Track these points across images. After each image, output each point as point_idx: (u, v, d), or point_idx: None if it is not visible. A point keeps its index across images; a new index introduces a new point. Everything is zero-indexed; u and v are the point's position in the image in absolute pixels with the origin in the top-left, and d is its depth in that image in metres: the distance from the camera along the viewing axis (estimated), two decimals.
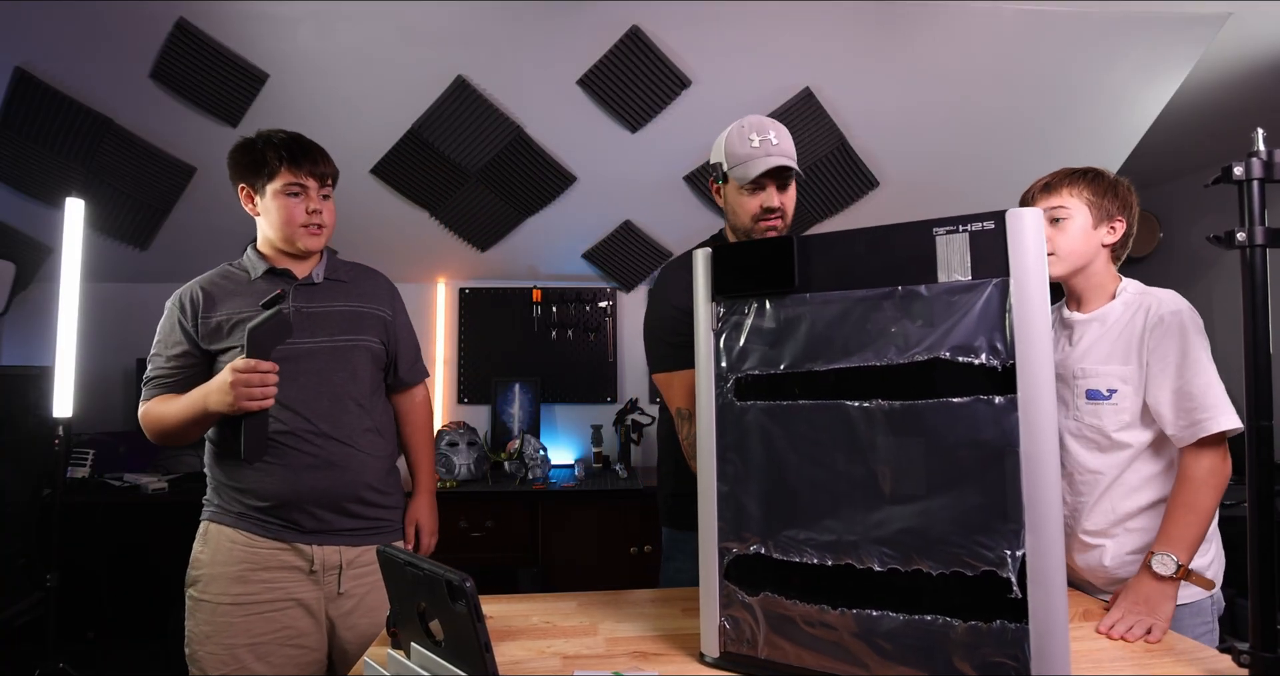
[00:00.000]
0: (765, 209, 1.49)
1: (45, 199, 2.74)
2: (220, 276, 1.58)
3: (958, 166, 2.84)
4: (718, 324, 1.09)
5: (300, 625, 1.47)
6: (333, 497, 1.49)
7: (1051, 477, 0.87)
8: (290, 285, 1.54)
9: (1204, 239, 0.99)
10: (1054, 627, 0.85)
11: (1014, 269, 0.89)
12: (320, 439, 1.48)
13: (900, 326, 0.95)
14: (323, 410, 1.49)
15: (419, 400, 1.77)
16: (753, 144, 1.47)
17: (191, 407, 1.41)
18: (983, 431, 0.90)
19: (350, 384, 1.54)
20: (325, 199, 1.56)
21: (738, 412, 1.06)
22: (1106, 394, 1.31)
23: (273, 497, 1.46)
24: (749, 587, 1.05)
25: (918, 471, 0.93)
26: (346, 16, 2.23)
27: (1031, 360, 0.88)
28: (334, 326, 1.55)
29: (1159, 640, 1.14)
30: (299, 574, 1.48)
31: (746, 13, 2.26)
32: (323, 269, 1.60)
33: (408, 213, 2.94)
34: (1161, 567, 1.19)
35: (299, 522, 1.48)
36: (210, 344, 1.50)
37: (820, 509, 0.99)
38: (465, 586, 0.78)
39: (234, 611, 1.44)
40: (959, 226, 0.93)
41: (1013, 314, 0.89)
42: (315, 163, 1.52)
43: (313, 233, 1.53)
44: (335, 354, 1.53)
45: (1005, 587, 0.87)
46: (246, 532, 1.47)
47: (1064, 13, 2.27)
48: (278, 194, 1.50)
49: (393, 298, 1.69)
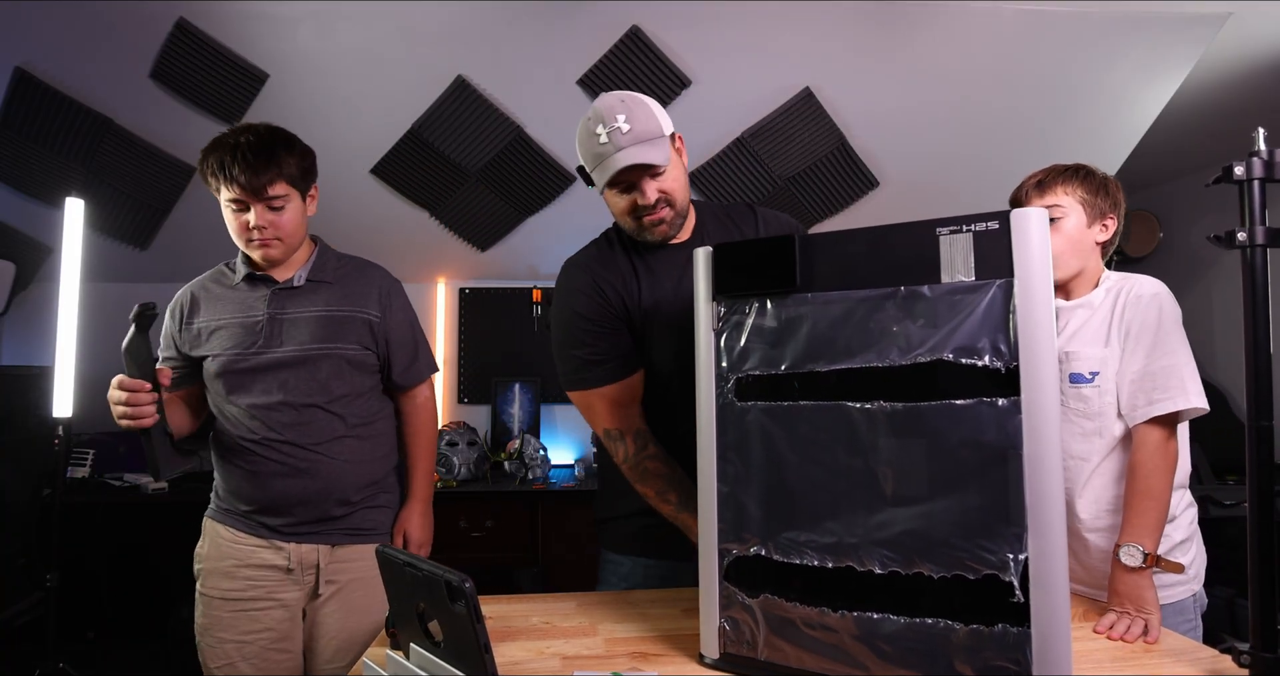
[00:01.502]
0: (640, 207, 1.31)
1: (45, 199, 2.74)
2: (211, 279, 1.59)
3: (958, 166, 2.83)
4: (718, 324, 1.08)
5: (282, 628, 1.50)
6: (306, 502, 1.50)
7: (1054, 481, 0.86)
8: (269, 290, 1.53)
9: (1204, 239, 0.99)
10: (1056, 631, 0.85)
11: (1018, 270, 0.88)
12: (287, 446, 1.49)
13: (903, 327, 0.94)
14: (286, 420, 1.49)
15: (419, 403, 1.72)
16: (599, 140, 1.27)
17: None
18: (985, 433, 0.89)
19: (317, 393, 1.51)
20: (276, 210, 1.47)
21: (738, 413, 1.06)
22: (1089, 376, 1.33)
23: (249, 501, 1.51)
24: (749, 589, 1.04)
25: (920, 473, 0.92)
26: (346, 16, 2.23)
27: (1036, 362, 0.87)
28: (304, 334, 1.51)
29: (1156, 639, 1.14)
30: (278, 573, 1.50)
31: (746, 13, 2.26)
32: (307, 270, 1.56)
33: (408, 213, 2.94)
34: (1130, 559, 1.20)
35: (274, 525, 1.51)
36: (192, 350, 1.53)
37: (821, 510, 0.98)
38: (464, 587, 0.78)
39: (224, 606, 1.49)
40: (963, 226, 0.92)
41: (1017, 315, 0.88)
42: (256, 174, 1.42)
43: (262, 243, 1.48)
44: (302, 363, 1.51)
45: (1008, 591, 0.86)
46: (233, 529, 1.52)
47: (1064, 13, 2.27)
48: (225, 206, 1.49)
49: (386, 296, 1.62)
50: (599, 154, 1.28)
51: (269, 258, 1.51)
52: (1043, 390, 0.87)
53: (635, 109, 1.28)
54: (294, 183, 1.49)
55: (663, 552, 1.43)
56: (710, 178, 2.77)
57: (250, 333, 1.50)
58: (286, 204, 1.49)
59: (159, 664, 2.61)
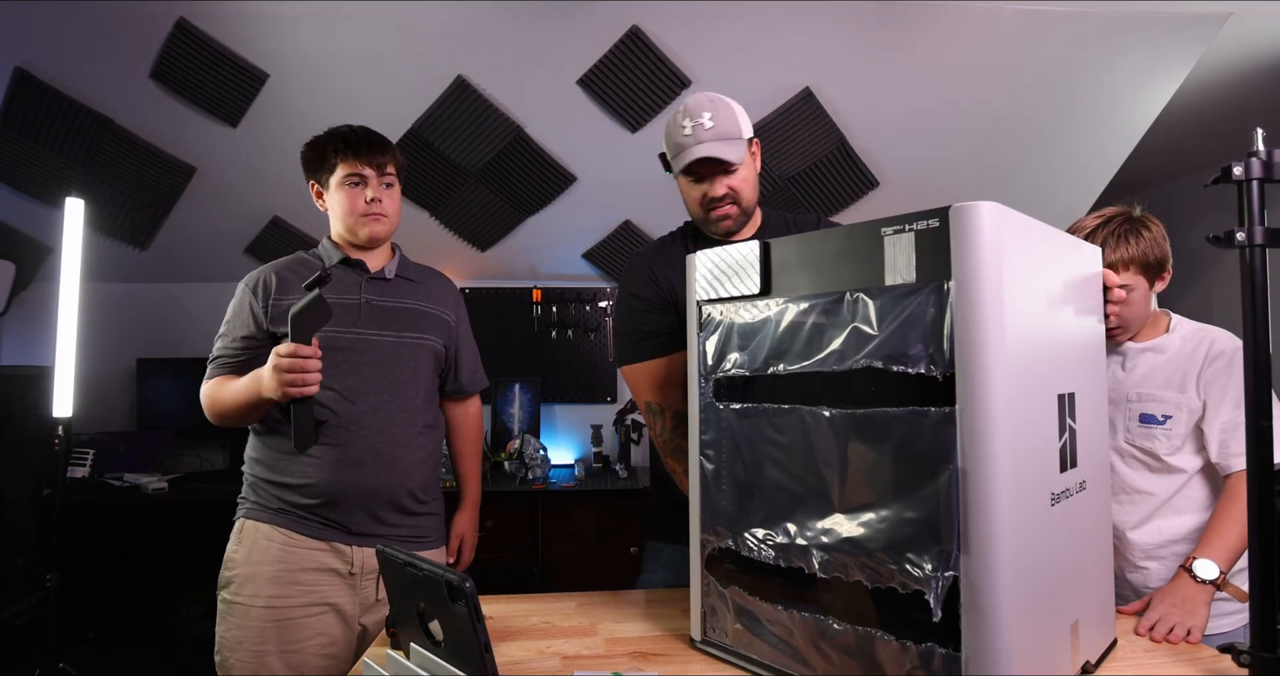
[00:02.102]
0: (710, 198, 1.41)
1: (45, 199, 2.74)
2: (296, 262, 1.57)
3: (958, 166, 2.84)
4: (700, 326, 1.12)
5: (333, 633, 1.43)
6: (377, 496, 1.46)
7: (1000, 497, 0.79)
8: (363, 277, 1.54)
9: (1204, 239, 0.99)
10: (995, 657, 0.79)
11: (956, 271, 0.82)
12: (374, 433, 1.46)
13: (849, 332, 0.91)
14: (380, 403, 1.48)
15: (473, 411, 1.76)
16: (684, 131, 1.37)
17: (246, 392, 1.38)
18: (917, 444, 0.83)
19: (411, 381, 1.53)
20: (387, 188, 1.55)
21: (716, 412, 1.08)
22: (1161, 419, 1.38)
23: (318, 492, 1.42)
24: (721, 580, 1.08)
25: (860, 481, 0.90)
26: (346, 16, 2.23)
27: (976, 370, 0.80)
28: (401, 322, 1.54)
29: (1198, 641, 1.16)
30: (336, 577, 1.44)
31: (746, 13, 2.26)
32: (395, 265, 1.60)
33: (408, 213, 2.92)
34: (1204, 572, 1.22)
35: (341, 522, 1.44)
36: (278, 328, 1.47)
37: (778, 511, 0.99)
38: (465, 586, 0.78)
39: (267, 615, 1.39)
40: (905, 225, 0.87)
41: (954, 320, 0.81)
42: (374, 152, 1.52)
43: (374, 219, 1.52)
44: (400, 349, 1.52)
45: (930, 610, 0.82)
46: (285, 530, 1.43)
47: (1064, 13, 2.27)
48: (339, 185, 1.51)
49: (458, 303, 1.68)
50: (681, 144, 1.38)
51: (376, 235, 1.53)
52: (985, 399, 0.79)
53: (721, 110, 1.39)
54: (399, 170, 1.58)
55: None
56: None
57: (349, 313, 1.48)
58: (396, 183, 1.57)
59: (159, 664, 2.61)
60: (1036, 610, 0.86)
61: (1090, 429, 1.03)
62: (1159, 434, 1.38)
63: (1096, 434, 1.07)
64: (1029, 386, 0.87)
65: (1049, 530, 0.90)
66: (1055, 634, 0.92)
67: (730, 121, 1.39)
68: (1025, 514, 0.84)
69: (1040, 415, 0.90)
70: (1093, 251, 1.11)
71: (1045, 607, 0.89)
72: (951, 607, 0.81)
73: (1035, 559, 0.86)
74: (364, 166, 1.50)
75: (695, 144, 1.36)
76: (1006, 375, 0.81)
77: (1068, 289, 1.01)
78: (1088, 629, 1.00)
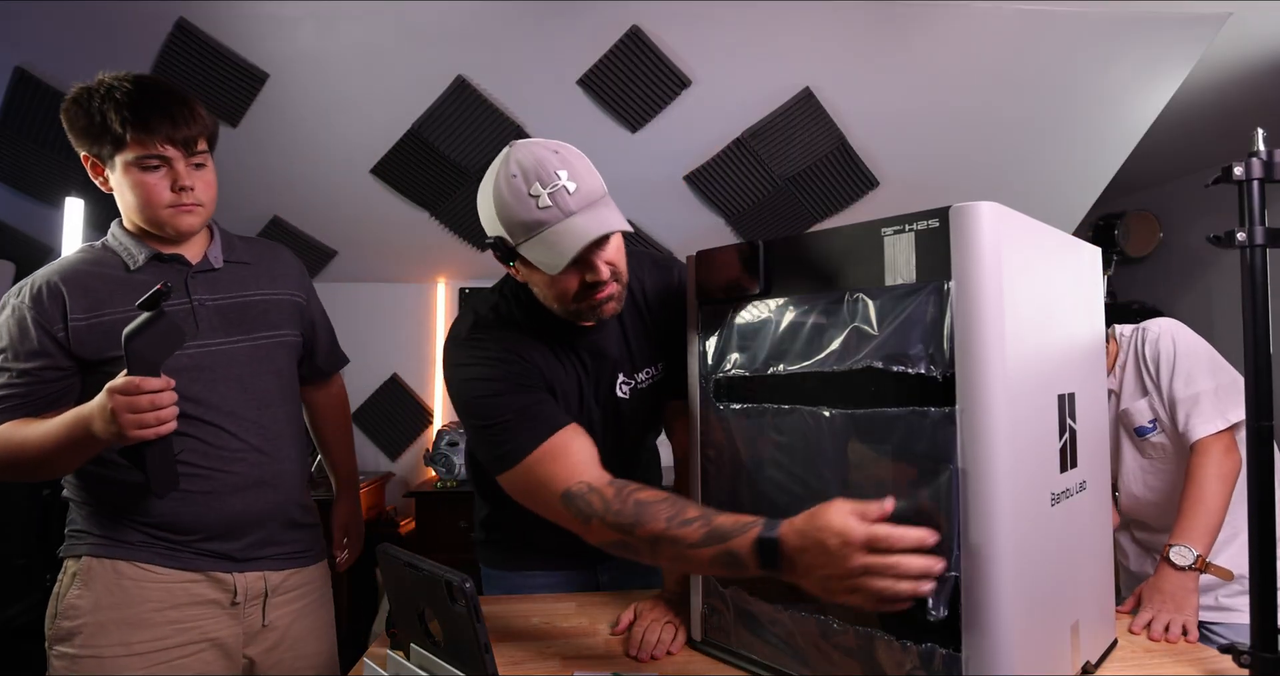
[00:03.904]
0: (590, 285, 1.06)
1: (45, 199, 2.74)
2: (88, 264, 1.22)
3: (958, 166, 2.83)
4: (700, 327, 1.12)
5: (213, 671, 1.23)
6: (263, 521, 1.27)
7: (1000, 497, 0.79)
8: (184, 272, 1.25)
9: (1204, 239, 0.99)
10: (992, 657, 0.79)
11: (956, 271, 0.82)
12: (252, 455, 1.25)
13: (849, 331, 0.91)
14: (251, 422, 1.25)
15: (335, 391, 1.55)
16: (539, 203, 0.99)
17: (69, 434, 1.08)
18: (916, 444, 0.83)
19: (276, 387, 1.31)
20: (198, 169, 1.22)
21: (716, 411, 1.09)
22: (1150, 426, 1.42)
23: (192, 527, 1.21)
24: (721, 580, 1.09)
25: (861, 481, 0.90)
26: (347, 16, 2.23)
27: (976, 370, 0.80)
28: (250, 321, 1.29)
29: (1196, 638, 1.15)
30: (215, 609, 1.24)
31: (746, 13, 2.26)
32: (219, 249, 1.30)
33: (408, 213, 2.94)
34: (1179, 558, 1.22)
35: (222, 552, 1.24)
36: (96, 353, 1.17)
37: (777, 510, 0.98)
38: (465, 587, 0.78)
39: (132, 665, 1.16)
40: (905, 226, 0.87)
41: (953, 320, 0.81)
42: (175, 124, 1.16)
43: (185, 211, 1.20)
44: (257, 354, 1.28)
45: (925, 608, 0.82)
46: (147, 565, 1.20)
47: (1064, 13, 2.27)
48: (129, 168, 1.17)
49: (302, 274, 1.43)
50: (540, 220, 1.00)
51: (190, 228, 1.23)
52: (986, 399, 0.80)
53: (575, 162, 1.05)
54: (212, 141, 1.26)
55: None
56: (710, 178, 2.77)
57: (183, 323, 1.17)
58: (209, 161, 1.25)
59: None
60: (1036, 610, 0.86)
61: (1090, 429, 1.03)
62: (1157, 440, 1.42)
63: (1096, 434, 1.07)
64: (1029, 386, 0.87)
65: (1049, 530, 0.90)
66: (1055, 634, 0.92)
67: (589, 172, 1.06)
68: (1025, 514, 0.84)
69: (1040, 415, 0.91)
70: (1093, 251, 1.11)
71: (1045, 607, 0.89)
72: (952, 607, 0.81)
73: (1035, 559, 0.86)
74: (164, 145, 1.16)
75: (563, 217, 1.00)
76: (1006, 375, 0.81)
77: (1067, 289, 1.01)
78: (1088, 629, 1.01)
